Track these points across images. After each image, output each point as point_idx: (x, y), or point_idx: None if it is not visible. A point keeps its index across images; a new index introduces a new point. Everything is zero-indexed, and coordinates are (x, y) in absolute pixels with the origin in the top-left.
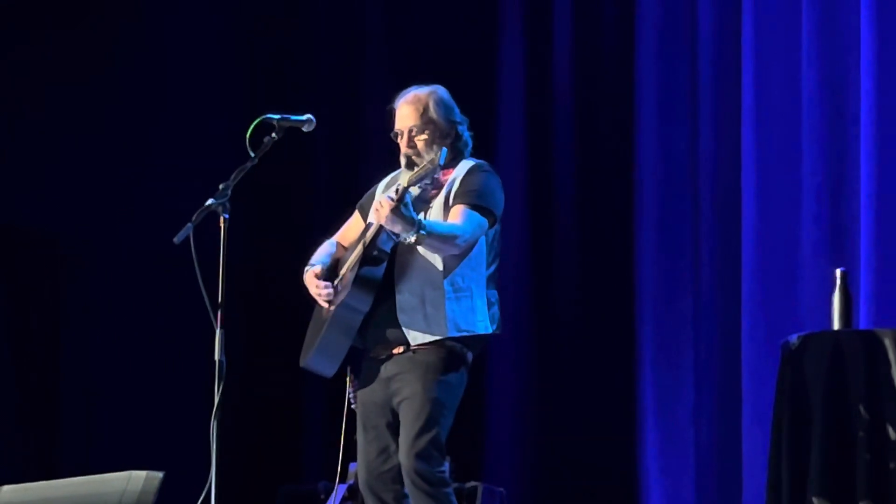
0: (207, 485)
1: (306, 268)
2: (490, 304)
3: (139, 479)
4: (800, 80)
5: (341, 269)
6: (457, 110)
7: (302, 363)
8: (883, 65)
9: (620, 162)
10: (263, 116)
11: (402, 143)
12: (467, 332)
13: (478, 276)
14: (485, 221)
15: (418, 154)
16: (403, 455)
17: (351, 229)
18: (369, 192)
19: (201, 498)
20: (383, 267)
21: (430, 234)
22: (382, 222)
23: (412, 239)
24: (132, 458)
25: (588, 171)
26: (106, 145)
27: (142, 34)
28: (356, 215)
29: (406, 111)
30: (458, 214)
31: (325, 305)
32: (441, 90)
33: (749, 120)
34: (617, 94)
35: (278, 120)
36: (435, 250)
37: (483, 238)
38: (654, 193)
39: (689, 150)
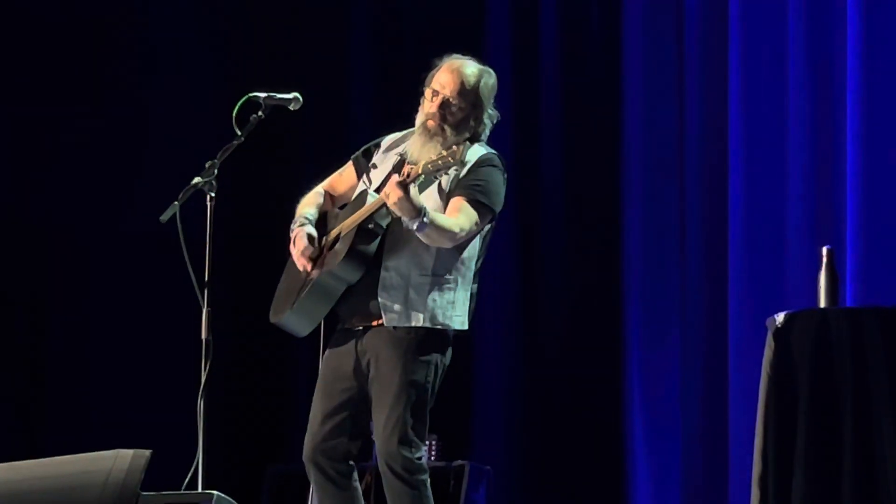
0: (195, 464)
1: (298, 223)
2: (471, 298)
3: (126, 458)
4: (786, 58)
5: (330, 227)
6: (494, 102)
7: (274, 319)
8: (869, 44)
9: (607, 141)
10: (249, 94)
11: (433, 103)
12: (441, 326)
13: (465, 271)
14: (482, 218)
15: (444, 122)
16: (382, 439)
17: (342, 181)
18: (369, 145)
19: (188, 477)
20: (377, 241)
21: (431, 224)
22: (388, 205)
23: (413, 227)
24: (119, 436)
25: (574, 151)
26: (93, 126)
27: (131, 16)
28: (350, 167)
29: (455, 78)
30: (457, 208)
31: (301, 268)
32: (493, 76)
33: (735, 99)
34: (603, 73)
35: (264, 98)
36: (430, 241)
37: (479, 234)
38: (641, 172)
39: (675, 129)
